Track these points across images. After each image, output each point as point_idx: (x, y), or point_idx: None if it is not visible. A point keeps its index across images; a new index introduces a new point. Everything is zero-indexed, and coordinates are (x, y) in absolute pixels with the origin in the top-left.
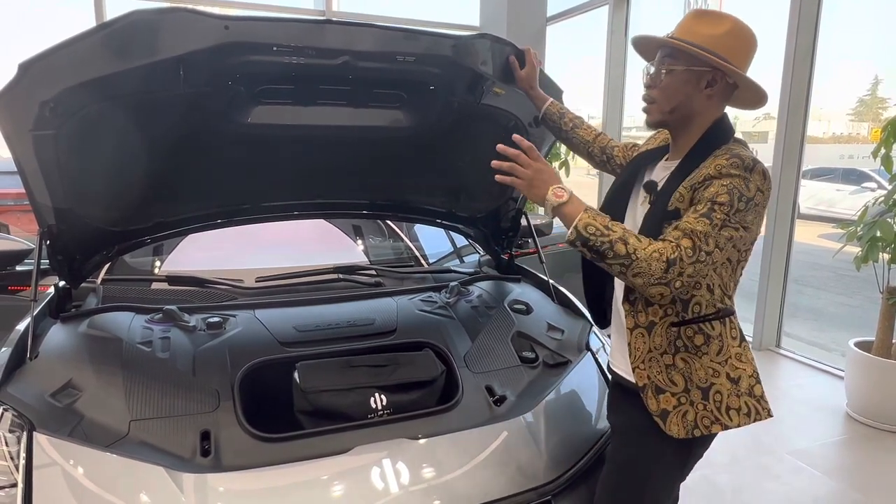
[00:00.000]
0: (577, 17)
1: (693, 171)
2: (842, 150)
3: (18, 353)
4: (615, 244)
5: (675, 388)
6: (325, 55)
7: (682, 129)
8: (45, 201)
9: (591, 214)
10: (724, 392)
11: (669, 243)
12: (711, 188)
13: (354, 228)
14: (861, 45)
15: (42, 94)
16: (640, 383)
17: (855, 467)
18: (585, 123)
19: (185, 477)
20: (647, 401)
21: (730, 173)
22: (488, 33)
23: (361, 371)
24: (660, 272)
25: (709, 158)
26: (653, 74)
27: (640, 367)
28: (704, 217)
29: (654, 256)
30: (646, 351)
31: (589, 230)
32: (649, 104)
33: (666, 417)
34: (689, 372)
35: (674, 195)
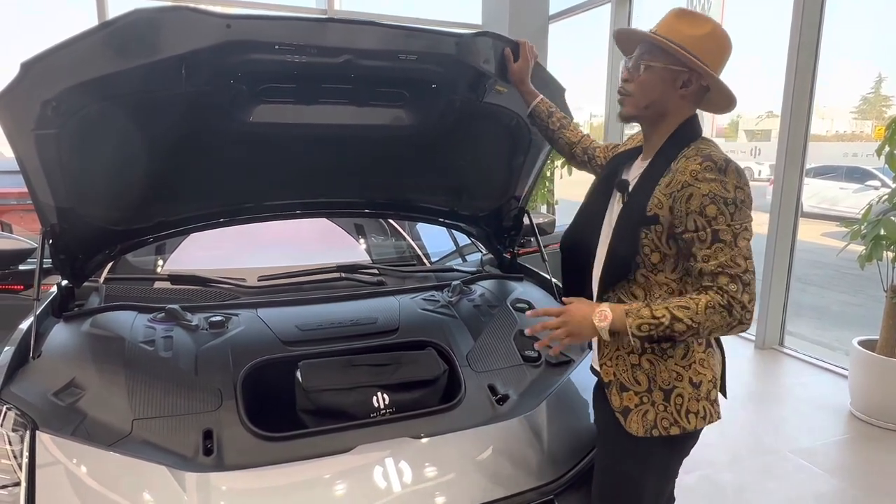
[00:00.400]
0: (580, 15)
1: (664, 173)
2: (845, 148)
3: (21, 353)
4: (674, 325)
5: (638, 387)
6: (327, 54)
7: (654, 126)
8: (47, 200)
9: (633, 314)
10: (685, 395)
11: (711, 291)
12: (694, 200)
13: (356, 227)
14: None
15: (44, 94)
16: (607, 379)
17: (858, 466)
18: (572, 124)
19: (187, 476)
20: (610, 397)
21: (705, 178)
22: (490, 31)
23: (364, 370)
24: (726, 319)
25: (679, 159)
26: (631, 68)
27: (608, 363)
28: (718, 243)
29: (710, 312)
30: (613, 349)
31: (643, 329)
32: (625, 97)
33: (627, 414)
34: (654, 373)
35: (651, 201)
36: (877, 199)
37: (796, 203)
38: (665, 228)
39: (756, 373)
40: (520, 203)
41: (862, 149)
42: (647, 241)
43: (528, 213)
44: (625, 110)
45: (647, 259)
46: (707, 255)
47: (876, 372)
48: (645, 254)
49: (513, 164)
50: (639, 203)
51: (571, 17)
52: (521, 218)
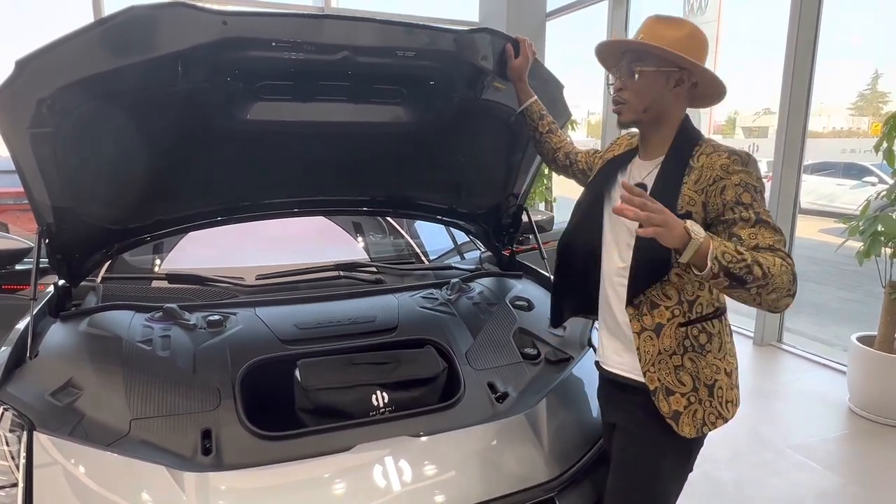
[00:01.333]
0: (577, 12)
1: (687, 171)
2: (843, 145)
3: (18, 353)
4: (753, 268)
5: (684, 388)
6: (324, 50)
7: (654, 127)
8: (43, 200)
9: (719, 241)
10: (724, 387)
11: (782, 256)
12: (728, 191)
13: (355, 225)
14: (861, 40)
15: (39, 92)
16: (652, 387)
17: (857, 462)
18: (559, 131)
19: (186, 476)
20: (658, 403)
21: (735, 170)
22: (488, 27)
23: (363, 368)
24: (790, 283)
25: (698, 157)
26: (624, 77)
27: (651, 370)
28: (760, 224)
29: (784, 270)
30: (655, 353)
31: (727, 258)
32: (622, 105)
33: (678, 419)
34: (696, 371)
35: (681, 199)
36: (874, 196)
37: (794, 199)
38: (699, 222)
39: (755, 369)
40: (518, 200)
41: (859, 145)
42: None
43: (526, 210)
44: (624, 117)
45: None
46: (754, 234)
47: (874, 368)
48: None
49: (511, 161)
50: (666, 203)
51: (569, 14)
52: (520, 215)
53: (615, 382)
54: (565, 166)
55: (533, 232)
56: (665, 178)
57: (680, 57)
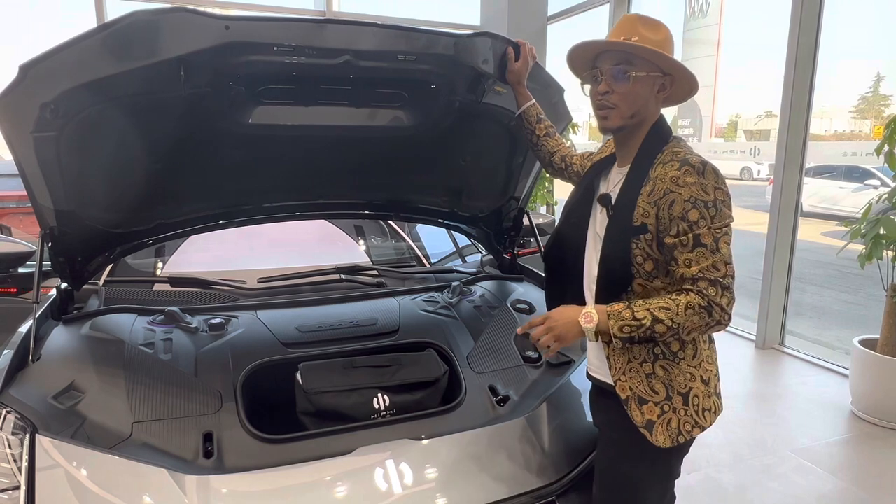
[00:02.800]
0: (578, 15)
1: (644, 181)
2: (844, 148)
3: (21, 356)
4: (654, 326)
5: (657, 396)
6: (325, 55)
7: (633, 133)
8: (46, 203)
9: (614, 316)
10: (700, 395)
11: (691, 293)
12: (676, 206)
13: (356, 229)
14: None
15: (43, 96)
16: (624, 395)
17: (860, 466)
18: (557, 135)
19: (187, 479)
20: (631, 413)
21: (686, 182)
22: (489, 31)
23: (364, 372)
24: (705, 319)
25: (656, 166)
26: (615, 79)
27: (622, 379)
28: (699, 248)
29: (690, 312)
30: (625, 362)
31: (625, 330)
32: (610, 109)
33: (651, 428)
34: (670, 379)
35: (637, 210)
36: (876, 198)
37: (796, 202)
38: (654, 235)
39: (757, 372)
40: (519, 203)
41: (861, 148)
42: (638, 251)
43: (527, 213)
44: (611, 122)
45: (642, 268)
46: (689, 260)
47: (877, 371)
48: (638, 263)
49: (512, 164)
50: (624, 215)
51: (570, 18)
52: (521, 218)
53: (599, 388)
54: (561, 169)
55: (534, 235)
56: (626, 190)
57: (678, 64)
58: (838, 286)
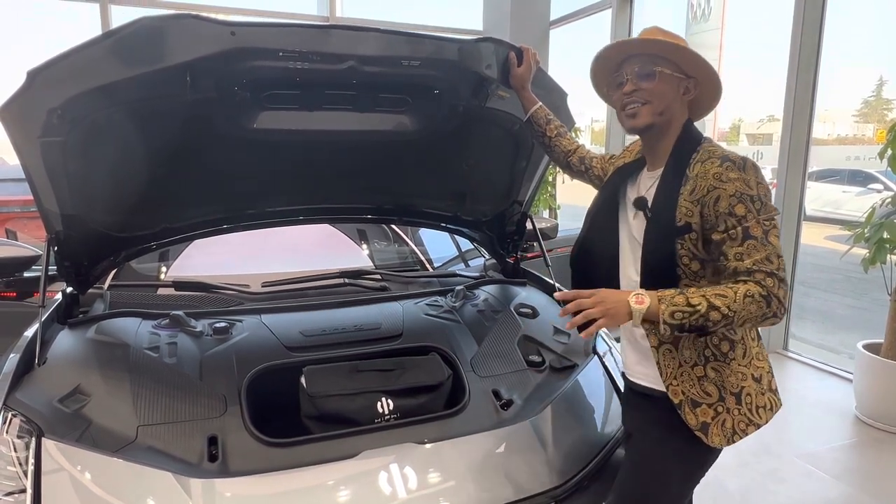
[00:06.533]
0: (581, 20)
1: (683, 181)
2: (847, 152)
3: (27, 359)
4: (709, 314)
5: (710, 398)
6: (330, 60)
7: (662, 135)
8: (52, 208)
9: (666, 300)
10: (752, 393)
11: (749, 283)
12: (722, 202)
13: (360, 233)
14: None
15: (50, 102)
16: (676, 400)
17: (865, 470)
18: (568, 134)
19: (192, 482)
20: (685, 416)
21: (729, 178)
22: (492, 37)
23: (368, 375)
24: (762, 309)
25: (694, 165)
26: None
27: (674, 383)
28: (749, 240)
29: (748, 301)
30: (676, 366)
31: (676, 317)
32: (640, 105)
33: (707, 430)
34: (721, 380)
35: (679, 210)
36: (880, 203)
37: (799, 207)
38: (699, 234)
39: None
40: (522, 208)
41: (864, 152)
42: (683, 251)
43: (530, 217)
44: (640, 120)
45: (688, 268)
46: (740, 253)
47: (881, 375)
48: (684, 263)
49: (515, 168)
50: (665, 216)
51: (572, 23)
52: (524, 222)
53: (640, 393)
54: (581, 171)
55: (537, 239)
56: (663, 191)
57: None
58: (842, 290)
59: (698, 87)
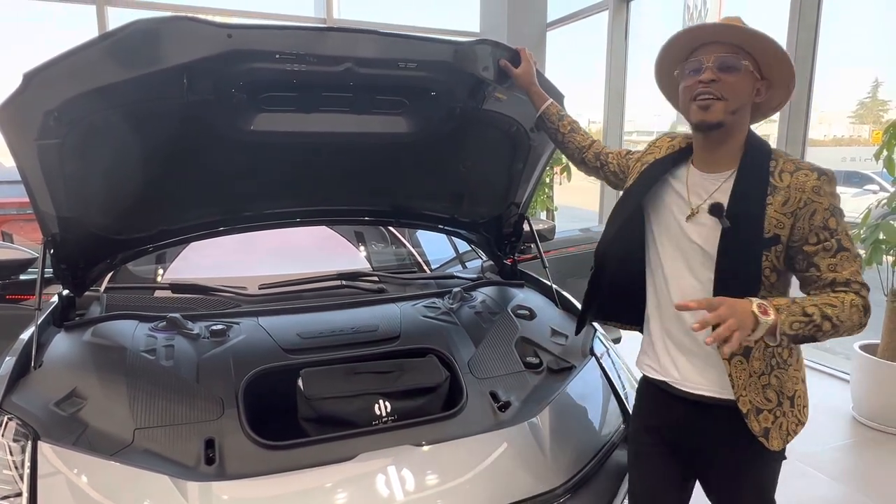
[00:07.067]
0: (577, 22)
1: (770, 191)
2: (843, 153)
3: (23, 362)
4: (823, 324)
5: (770, 404)
6: (327, 62)
7: (727, 136)
8: (48, 210)
9: (784, 310)
10: (802, 395)
11: (850, 293)
12: (817, 216)
13: (357, 235)
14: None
15: (46, 104)
16: (745, 409)
17: (862, 471)
18: (583, 129)
19: (189, 485)
20: (750, 424)
21: (825, 192)
22: (489, 39)
23: (365, 378)
24: (862, 319)
25: (780, 174)
26: (716, 70)
27: (743, 394)
28: (842, 252)
29: (854, 311)
30: (746, 377)
31: (794, 327)
32: (715, 100)
33: (768, 434)
34: (780, 386)
35: (768, 221)
36: (875, 204)
37: None
38: (784, 246)
39: None
40: (520, 209)
41: (860, 153)
42: (767, 263)
43: (527, 219)
44: (713, 115)
45: (768, 281)
46: (834, 265)
47: (878, 376)
48: (766, 276)
49: (512, 170)
50: (751, 226)
51: (569, 25)
52: (522, 224)
53: (698, 404)
54: (595, 168)
55: (534, 241)
56: (746, 198)
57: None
58: None
59: (769, 91)
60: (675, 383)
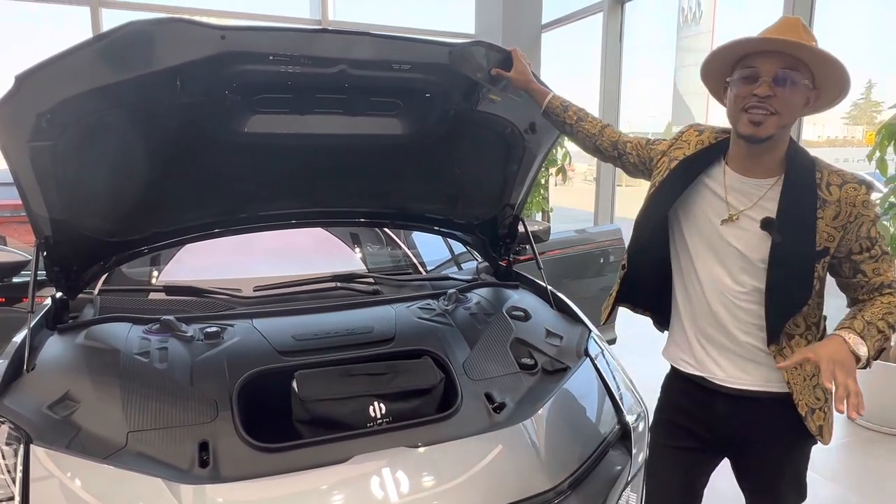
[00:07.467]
0: (572, 24)
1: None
2: (837, 154)
3: (15, 365)
4: (889, 335)
5: (820, 402)
6: (321, 64)
7: (774, 145)
8: (41, 213)
9: (867, 336)
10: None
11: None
12: (864, 227)
13: (352, 236)
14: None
15: (39, 106)
16: (803, 412)
17: (857, 471)
18: (590, 115)
19: (183, 488)
20: (808, 425)
21: (871, 204)
22: (483, 40)
23: (360, 379)
24: None
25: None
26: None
27: (801, 397)
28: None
29: None
30: (802, 380)
31: (876, 346)
32: (769, 116)
33: (822, 431)
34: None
35: (820, 235)
36: None
37: None
38: (831, 257)
39: None
40: (514, 211)
41: (853, 154)
42: (816, 275)
43: (522, 220)
44: (766, 130)
45: (813, 290)
46: (878, 269)
47: (873, 376)
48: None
49: (507, 172)
50: (804, 238)
51: (564, 26)
52: (517, 226)
53: (740, 397)
54: (613, 157)
55: (529, 242)
56: (796, 210)
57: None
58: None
59: (817, 100)
60: (714, 379)
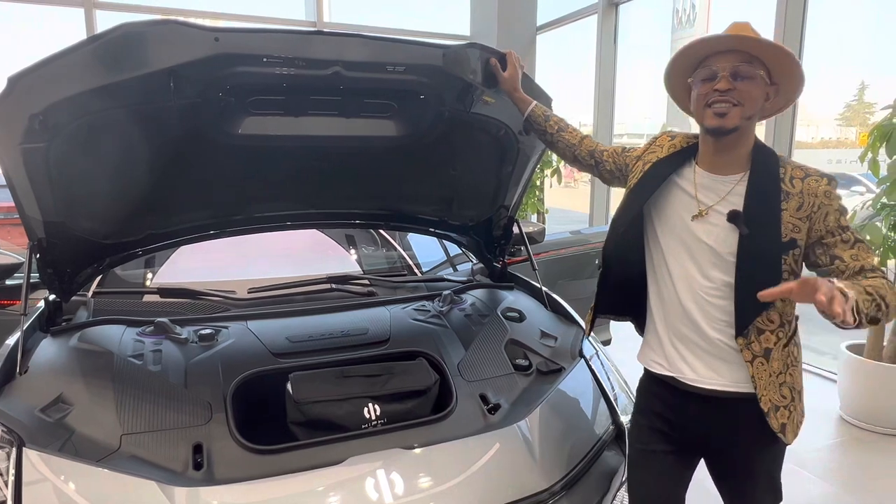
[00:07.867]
0: (567, 25)
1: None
2: (830, 155)
3: (8, 368)
4: (880, 304)
5: (785, 401)
6: (315, 66)
7: (740, 139)
8: (34, 215)
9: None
10: (802, 389)
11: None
12: (830, 217)
13: (347, 238)
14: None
15: (32, 107)
16: (766, 408)
17: (849, 470)
18: (570, 126)
19: (177, 491)
20: (770, 421)
21: (834, 195)
22: (477, 42)
23: (355, 381)
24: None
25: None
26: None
27: (764, 394)
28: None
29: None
30: (767, 377)
31: (866, 305)
32: (733, 106)
33: (785, 429)
34: (793, 382)
35: (785, 226)
36: (861, 205)
37: None
38: (802, 249)
39: None
40: (509, 212)
41: (846, 155)
42: (786, 267)
43: (517, 222)
44: (730, 121)
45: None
46: (855, 255)
47: (864, 376)
48: (783, 279)
49: (501, 173)
50: (769, 231)
51: (559, 28)
52: (511, 227)
53: (710, 398)
54: (590, 165)
55: (524, 243)
56: (761, 203)
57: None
58: None
59: (777, 95)
60: (685, 379)
